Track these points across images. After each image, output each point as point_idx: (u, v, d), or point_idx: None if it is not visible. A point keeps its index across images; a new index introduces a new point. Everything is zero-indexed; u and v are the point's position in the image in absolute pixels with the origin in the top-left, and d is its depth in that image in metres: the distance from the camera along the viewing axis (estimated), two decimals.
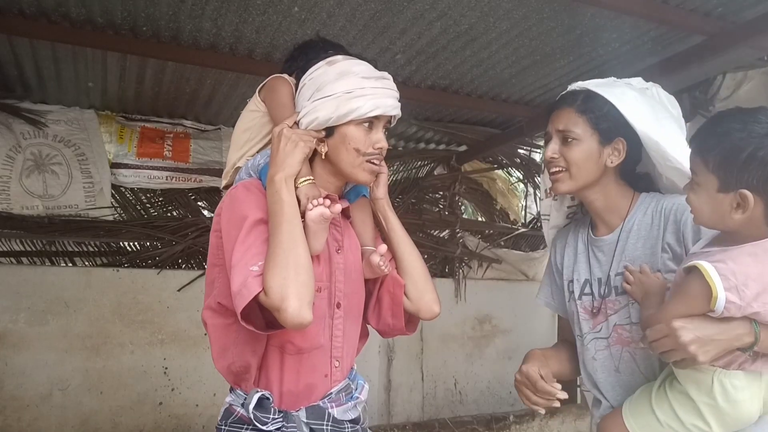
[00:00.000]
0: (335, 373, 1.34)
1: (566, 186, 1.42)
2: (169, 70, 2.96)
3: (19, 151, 3.41)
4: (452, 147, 4.44)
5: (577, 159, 1.38)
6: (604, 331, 1.45)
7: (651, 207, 1.40)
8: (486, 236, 4.69)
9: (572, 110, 1.41)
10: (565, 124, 1.40)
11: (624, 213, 1.43)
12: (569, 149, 1.39)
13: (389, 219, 1.44)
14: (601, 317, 1.45)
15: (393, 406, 4.21)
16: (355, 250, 1.42)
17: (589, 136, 1.38)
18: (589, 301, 1.48)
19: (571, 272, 1.54)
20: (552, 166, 1.43)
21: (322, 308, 1.31)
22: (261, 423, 1.23)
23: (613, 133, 1.39)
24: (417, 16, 2.42)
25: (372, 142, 1.29)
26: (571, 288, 1.54)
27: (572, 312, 1.54)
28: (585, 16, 2.39)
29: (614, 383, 1.45)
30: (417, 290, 1.42)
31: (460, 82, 3.15)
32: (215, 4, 2.31)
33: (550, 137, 1.45)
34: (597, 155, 1.39)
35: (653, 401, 1.27)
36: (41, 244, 3.53)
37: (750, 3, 2.25)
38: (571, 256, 1.56)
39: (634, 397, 1.33)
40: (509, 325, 4.68)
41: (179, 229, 3.72)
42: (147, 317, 3.53)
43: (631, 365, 1.41)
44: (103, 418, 3.38)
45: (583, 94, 1.43)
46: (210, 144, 3.86)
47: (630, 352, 1.41)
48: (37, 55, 2.79)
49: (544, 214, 1.72)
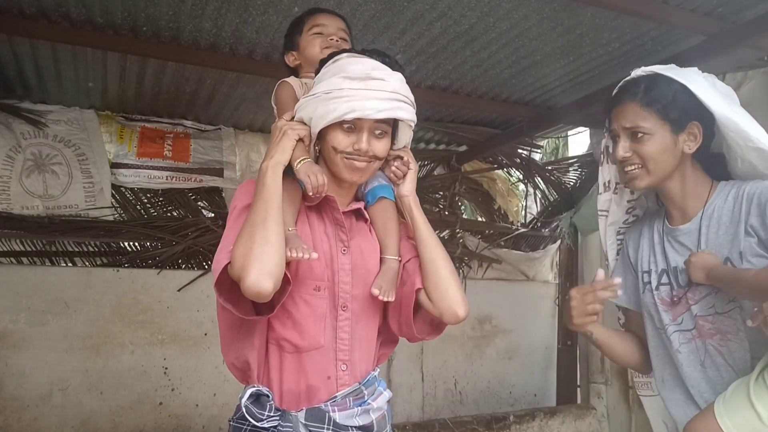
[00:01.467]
0: (342, 377, 1.31)
1: (645, 182, 1.37)
2: (169, 70, 2.96)
3: (19, 151, 3.41)
4: (452, 147, 4.44)
5: (652, 154, 1.33)
6: (687, 323, 1.39)
7: (732, 193, 1.35)
8: (486, 236, 4.69)
9: (636, 104, 1.35)
10: (632, 121, 1.34)
11: (703, 200, 1.38)
12: (642, 145, 1.34)
13: (414, 217, 1.41)
14: (682, 308, 1.40)
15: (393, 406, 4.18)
16: (369, 252, 1.40)
17: (661, 128, 1.33)
18: (667, 291, 1.43)
19: (648, 263, 1.49)
20: (626, 165, 1.37)
21: (322, 308, 1.30)
22: (255, 419, 1.22)
23: (685, 119, 1.34)
24: (417, 16, 2.42)
25: (351, 143, 1.28)
26: (646, 279, 1.48)
27: (649, 303, 1.48)
28: (585, 16, 2.39)
29: (699, 379, 1.38)
30: (439, 292, 1.35)
31: (460, 82, 3.15)
32: (215, 4, 2.31)
33: (616, 135, 1.39)
34: (672, 145, 1.34)
35: (752, 395, 1.17)
36: (41, 244, 3.53)
37: (750, 3, 2.24)
38: (647, 248, 1.50)
39: (728, 393, 1.23)
40: (509, 325, 4.67)
41: (179, 229, 3.72)
42: (147, 317, 3.53)
43: (716, 360, 1.35)
44: (103, 418, 3.38)
45: (644, 82, 1.37)
46: (210, 144, 3.86)
47: (714, 346, 1.35)
48: (37, 55, 2.79)
49: (602, 210, 1.66)
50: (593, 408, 3.88)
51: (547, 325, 4.73)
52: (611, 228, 1.64)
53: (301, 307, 1.29)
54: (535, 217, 4.92)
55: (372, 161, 1.32)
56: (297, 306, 1.29)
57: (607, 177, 1.60)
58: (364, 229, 1.43)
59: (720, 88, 1.39)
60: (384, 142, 1.33)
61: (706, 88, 1.34)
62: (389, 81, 1.27)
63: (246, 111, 3.61)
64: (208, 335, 3.59)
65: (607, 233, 1.65)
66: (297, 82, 1.51)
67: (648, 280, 1.48)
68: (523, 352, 4.71)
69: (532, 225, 4.84)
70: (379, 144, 1.31)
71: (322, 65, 1.34)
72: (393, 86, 1.28)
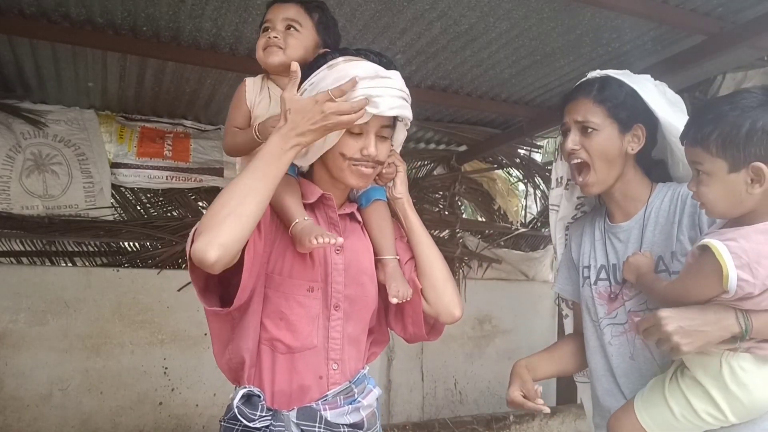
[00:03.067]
0: (333, 376, 1.31)
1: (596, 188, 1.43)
2: (169, 70, 2.96)
3: (19, 151, 3.41)
4: (452, 147, 4.44)
5: (598, 148, 1.39)
6: (620, 317, 1.45)
7: (668, 195, 1.42)
8: (486, 236, 4.69)
9: (589, 100, 1.41)
10: (583, 115, 1.41)
11: (644, 201, 1.45)
12: (590, 139, 1.40)
13: (409, 218, 1.42)
14: (618, 303, 1.46)
15: (393, 406, 4.22)
16: (363, 252, 1.39)
17: (609, 125, 1.39)
18: (605, 286, 1.49)
19: (588, 258, 1.55)
20: (573, 158, 1.43)
21: (315, 308, 1.30)
22: (247, 419, 1.22)
23: (631, 120, 1.40)
24: (417, 16, 2.42)
25: (360, 148, 1.26)
26: (586, 273, 1.55)
27: (587, 297, 1.54)
28: (585, 16, 2.39)
29: (628, 370, 1.44)
30: (435, 292, 1.39)
31: (460, 82, 3.15)
32: (215, 4, 2.31)
33: (568, 129, 1.46)
34: (619, 144, 1.40)
35: (666, 392, 1.24)
36: (41, 244, 3.53)
37: (750, 3, 2.24)
38: (588, 243, 1.57)
39: (646, 390, 1.31)
40: (509, 325, 4.68)
41: (179, 229, 3.72)
42: (147, 317, 3.53)
43: (645, 353, 1.41)
44: (103, 418, 3.38)
45: (598, 82, 1.44)
46: (210, 143, 3.86)
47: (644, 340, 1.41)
48: (37, 55, 2.80)
49: (553, 204, 1.71)
50: None
51: (547, 325, 4.73)
52: (560, 223, 1.70)
53: (294, 308, 1.28)
54: (535, 217, 4.92)
55: (376, 166, 1.32)
56: (290, 307, 1.28)
57: (560, 173, 1.66)
58: (356, 230, 1.43)
59: (669, 96, 1.46)
60: (387, 146, 1.32)
61: (654, 94, 1.41)
62: (395, 79, 1.26)
63: None
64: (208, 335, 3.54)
65: (556, 228, 1.71)
66: (254, 84, 1.48)
67: (587, 275, 1.54)
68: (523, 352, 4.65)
69: (532, 225, 4.84)
70: (383, 148, 1.31)
71: (316, 66, 1.28)
72: (399, 84, 1.27)
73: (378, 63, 1.26)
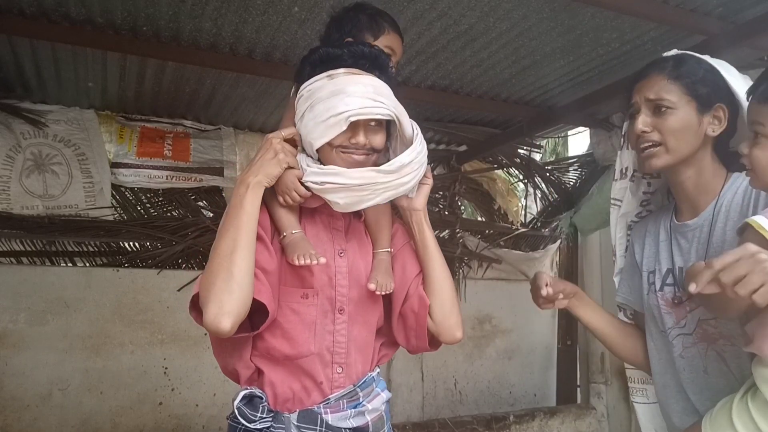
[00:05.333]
0: (337, 379, 1.30)
1: (662, 161, 1.27)
2: (169, 70, 2.96)
3: (19, 151, 3.40)
4: (452, 147, 4.43)
5: (674, 129, 1.24)
6: (689, 326, 1.32)
7: (743, 185, 1.27)
8: (486, 236, 4.69)
9: (663, 77, 1.27)
10: (656, 92, 1.26)
11: (716, 193, 1.29)
12: (664, 120, 1.25)
13: (424, 233, 1.39)
14: (683, 310, 1.32)
15: (393, 406, 4.21)
16: (365, 254, 1.39)
17: (686, 104, 1.25)
18: (671, 291, 1.36)
19: (653, 262, 1.41)
20: (643, 141, 1.28)
21: (311, 315, 1.29)
22: (247, 420, 1.23)
23: (712, 99, 1.26)
24: (417, 16, 2.41)
25: (348, 137, 1.25)
26: (651, 279, 1.41)
27: (653, 305, 1.40)
28: (585, 16, 2.39)
29: (702, 386, 1.30)
30: (442, 313, 1.38)
31: (460, 82, 3.15)
32: (215, 4, 2.30)
33: (637, 109, 1.30)
34: (696, 124, 1.25)
35: (734, 413, 1.12)
36: (41, 244, 3.53)
37: (750, 3, 2.24)
38: (653, 246, 1.42)
39: (716, 410, 1.19)
40: (509, 325, 4.67)
41: (179, 229, 3.72)
42: (147, 317, 3.53)
43: (719, 366, 1.27)
44: (103, 418, 3.38)
45: (672, 59, 1.31)
46: (210, 143, 3.86)
47: (717, 351, 1.28)
48: (37, 55, 2.79)
49: (615, 199, 1.55)
50: (593, 408, 3.88)
51: (547, 325, 4.72)
52: (622, 220, 1.54)
53: (288, 316, 1.28)
54: (535, 217, 4.92)
55: (371, 154, 1.29)
56: (284, 315, 1.28)
57: (626, 163, 1.49)
58: (359, 229, 1.42)
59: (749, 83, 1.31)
60: (381, 135, 1.31)
61: (737, 77, 1.29)
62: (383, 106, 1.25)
63: (246, 111, 3.61)
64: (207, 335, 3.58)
65: (617, 225, 1.55)
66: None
67: (653, 281, 1.41)
68: (523, 352, 4.71)
69: (532, 225, 4.84)
70: (376, 137, 1.29)
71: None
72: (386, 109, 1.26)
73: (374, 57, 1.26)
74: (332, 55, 1.25)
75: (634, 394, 1.56)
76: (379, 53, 1.30)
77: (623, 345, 1.50)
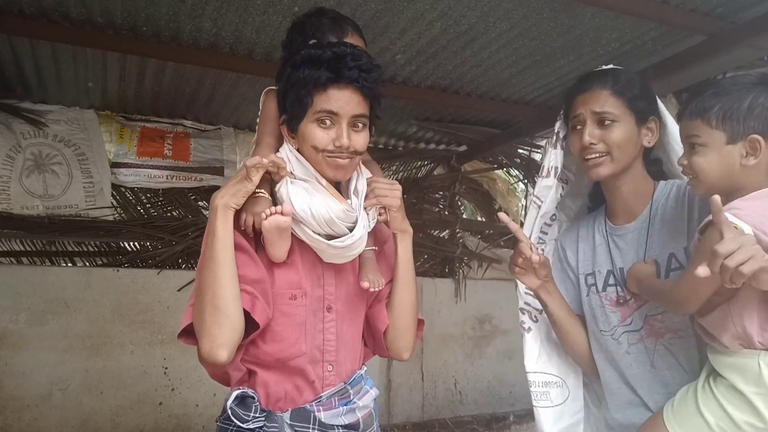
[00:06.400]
0: (328, 377, 1.31)
1: (608, 169, 1.36)
2: (169, 70, 2.96)
3: (19, 151, 3.41)
4: (452, 147, 4.44)
5: (618, 141, 1.34)
6: (636, 323, 1.39)
7: (673, 191, 1.38)
8: (486, 236, 4.69)
9: (606, 91, 1.36)
10: (601, 106, 1.35)
11: (647, 199, 1.40)
12: (609, 132, 1.34)
13: (402, 255, 1.37)
14: (629, 308, 1.39)
15: (393, 406, 4.21)
16: None
17: (627, 116, 1.35)
18: (614, 291, 1.42)
19: (590, 265, 1.48)
20: (590, 152, 1.36)
21: (301, 316, 1.29)
22: (240, 420, 1.23)
23: (648, 112, 1.38)
24: (417, 16, 2.41)
25: (332, 139, 1.24)
26: (591, 281, 1.48)
27: (594, 306, 1.46)
28: (585, 16, 2.39)
29: (650, 380, 1.37)
30: (395, 334, 1.40)
31: (460, 82, 3.15)
32: (215, 4, 2.31)
33: (582, 121, 1.38)
34: (636, 136, 1.36)
35: (700, 402, 1.16)
36: (41, 244, 3.53)
37: (750, 3, 2.24)
38: (588, 249, 1.50)
39: (676, 400, 1.23)
40: (509, 325, 4.67)
41: (179, 229, 3.72)
42: (147, 317, 3.53)
43: (667, 359, 1.34)
44: (103, 418, 3.38)
45: (611, 73, 1.39)
46: (210, 143, 3.86)
47: (665, 345, 1.35)
48: (37, 55, 2.79)
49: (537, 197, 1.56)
50: None
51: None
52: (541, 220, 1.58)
53: (278, 318, 1.28)
54: None
55: (353, 157, 1.28)
56: (275, 317, 1.28)
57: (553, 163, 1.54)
58: None
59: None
60: (363, 136, 1.28)
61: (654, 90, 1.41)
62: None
63: (246, 111, 3.61)
64: None
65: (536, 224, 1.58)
66: None
67: (593, 282, 1.47)
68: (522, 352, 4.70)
69: None
70: (359, 138, 1.27)
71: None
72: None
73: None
74: (314, 57, 1.25)
75: (536, 398, 1.58)
76: (361, 54, 1.27)
77: (578, 339, 1.53)
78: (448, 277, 4.51)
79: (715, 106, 1.16)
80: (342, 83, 1.23)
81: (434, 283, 4.36)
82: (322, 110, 1.23)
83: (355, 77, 1.23)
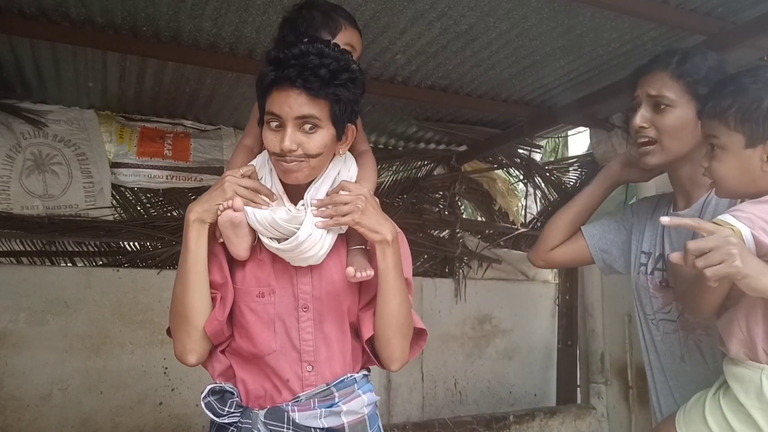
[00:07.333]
0: (308, 377, 1.29)
1: (656, 159, 1.31)
2: (169, 70, 2.96)
3: (19, 151, 3.40)
4: (452, 147, 4.43)
5: (670, 128, 1.27)
6: (673, 313, 1.37)
7: None
8: (486, 236, 4.69)
9: (666, 74, 1.29)
10: (658, 89, 1.28)
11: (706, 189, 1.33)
12: (662, 117, 1.28)
13: (378, 261, 1.26)
14: (670, 296, 1.37)
15: (393, 406, 4.21)
16: (337, 252, 1.35)
17: (686, 103, 1.27)
18: (660, 276, 1.40)
19: (649, 244, 1.44)
20: (640, 136, 1.31)
21: (269, 314, 1.29)
22: (215, 414, 1.28)
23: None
24: (417, 16, 2.41)
25: (279, 142, 1.21)
26: (643, 260, 1.44)
27: (641, 287, 1.44)
28: (585, 16, 2.39)
29: (678, 372, 1.36)
30: (378, 343, 1.34)
31: (460, 82, 3.15)
32: (215, 4, 2.30)
33: (639, 103, 1.33)
34: (693, 124, 1.26)
35: (706, 410, 1.16)
36: (41, 244, 3.52)
37: (750, 3, 2.24)
38: (651, 229, 1.45)
39: (689, 406, 1.23)
40: (509, 325, 4.67)
41: (179, 229, 3.67)
42: (147, 317, 3.53)
43: (695, 355, 1.33)
44: (103, 418, 3.38)
45: (679, 54, 1.31)
46: (210, 143, 3.86)
47: (695, 340, 1.33)
48: (37, 55, 2.79)
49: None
50: (593, 408, 3.88)
51: (547, 325, 4.72)
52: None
53: (246, 315, 1.30)
54: (535, 217, 4.92)
55: (304, 160, 1.22)
56: (243, 314, 1.31)
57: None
58: None
59: None
60: (315, 137, 1.21)
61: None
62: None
63: (246, 111, 3.61)
64: None
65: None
66: None
67: (645, 262, 1.44)
68: (523, 352, 4.71)
69: (532, 225, 4.84)
70: (308, 140, 1.20)
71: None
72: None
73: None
74: (272, 58, 1.25)
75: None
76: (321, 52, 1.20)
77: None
78: (448, 277, 4.51)
79: (733, 106, 1.08)
80: (284, 84, 1.19)
81: (434, 283, 4.35)
82: (268, 112, 1.23)
83: (292, 77, 1.18)
